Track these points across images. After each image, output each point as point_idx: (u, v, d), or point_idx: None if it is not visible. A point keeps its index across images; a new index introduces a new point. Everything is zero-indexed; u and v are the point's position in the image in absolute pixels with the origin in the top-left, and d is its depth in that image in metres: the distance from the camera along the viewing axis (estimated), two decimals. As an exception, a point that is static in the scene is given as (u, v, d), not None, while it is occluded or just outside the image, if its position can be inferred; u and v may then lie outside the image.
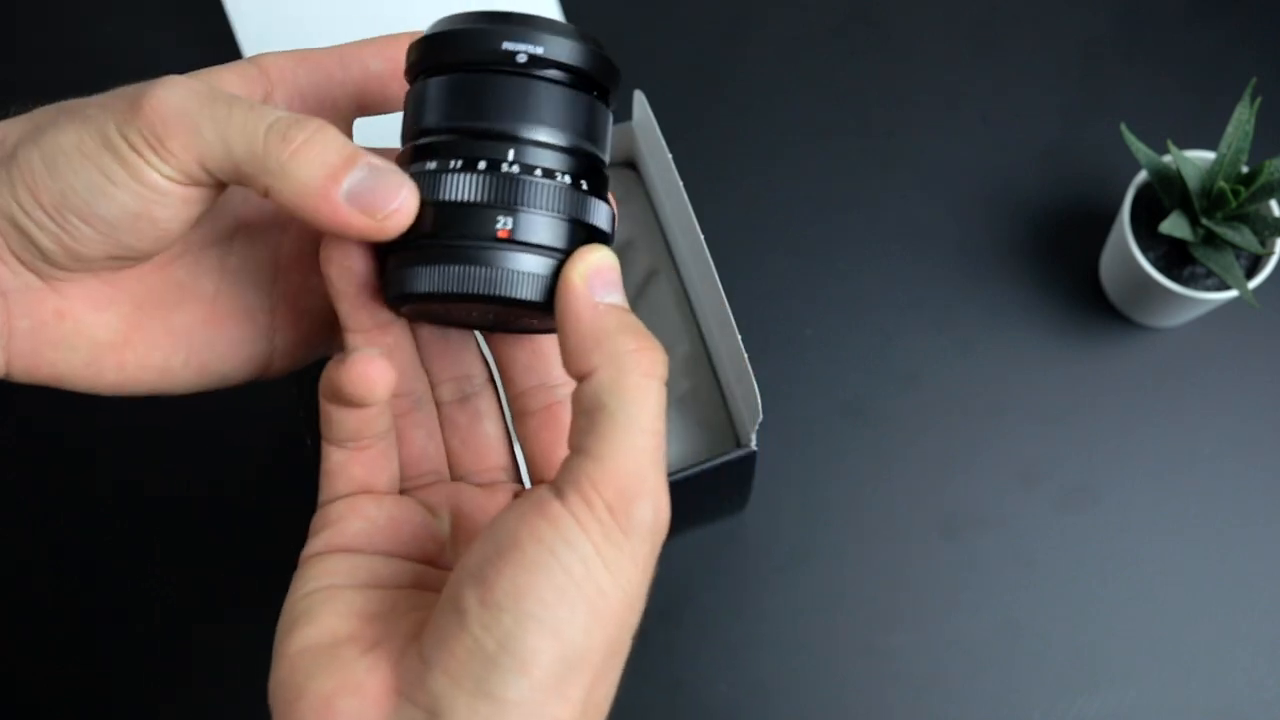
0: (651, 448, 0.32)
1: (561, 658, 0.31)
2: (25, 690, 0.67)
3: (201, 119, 0.34)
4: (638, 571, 0.32)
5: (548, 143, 0.35)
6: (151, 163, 0.34)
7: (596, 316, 0.33)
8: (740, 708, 0.66)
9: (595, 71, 0.36)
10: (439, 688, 0.31)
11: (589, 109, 0.36)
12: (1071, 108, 0.75)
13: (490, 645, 0.30)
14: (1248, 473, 0.69)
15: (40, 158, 0.34)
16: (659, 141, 0.56)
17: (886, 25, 0.77)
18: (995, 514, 0.68)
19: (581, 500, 0.31)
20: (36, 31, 0.77)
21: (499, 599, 0.31)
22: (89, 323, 0.37)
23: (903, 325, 0.71)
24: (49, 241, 0.35)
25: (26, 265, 0.36)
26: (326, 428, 0.37)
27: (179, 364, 0.39)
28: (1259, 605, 0.67)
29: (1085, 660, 0.66)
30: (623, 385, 0.32)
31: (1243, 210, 0.62)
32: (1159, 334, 0.71)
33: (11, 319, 0.36)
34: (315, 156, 0.33)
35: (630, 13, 0.77)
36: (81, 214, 0.34)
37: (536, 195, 0.35)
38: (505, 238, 0.34)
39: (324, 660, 0.33)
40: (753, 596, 0.67)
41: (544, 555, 0.31)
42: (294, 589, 0.35)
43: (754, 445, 0.55)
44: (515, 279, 0.34)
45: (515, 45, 0.35)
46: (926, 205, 0.74)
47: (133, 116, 0.34)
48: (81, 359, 0.37)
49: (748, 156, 0.75)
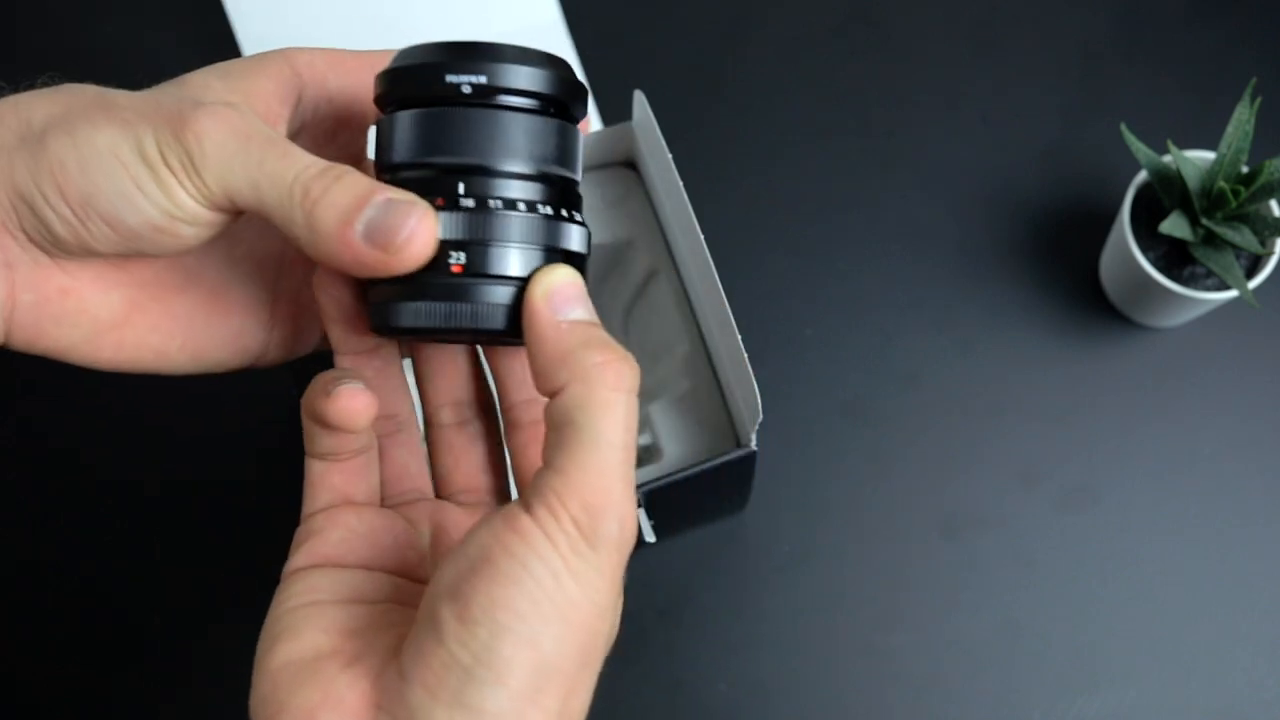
0: (617, 462, 0.33)
1: (537, 668, 0.31)
2: (25, 690, 0.67)
3: (237, 160, 0.34)
4: (605, 583, 0.33)
5: (504, 170, 0.35)
6: (184, 184, 0.34)
7: (560, 335, 0.34)
8: (740, 707, 0.66)
9: (550, 92, 0.36)
10: (418, 701, 0.31)
11: (548, 131, 0.36)
12: (1071, 108, 0.75)
13: (466, 658, 0.31)
14: (1248, 473, 0.69)
15: (74, 152, 0.34)
16: (659, 141, 0.56)
17: (886, 25, 0.77)
18: (995, 514, 0.68)
19: (549, 514, 0.32)
20: (36, 31, 0.77)
21: (474, 614, 0.31)
22: (93, 302, 0.37)
23: (903, 325, 0.71)
24: (65, 232, 0.35)
25: (35, 243, 0.36)
26: (308, 442, 0.38)
27: (175, 348, 0.39)
28: (1259, 605, 0.67)
29: (1085, 660, 0.66)
30: (590, 400, 0.33)
31: (1243, 210, 0.62)
32: (1159, 334, 0.71)
33: (16, 291, 0.36)
34: (332, 202, 0.34)
35: (630, 13, 0.77)
36: (106, 217, 0.35)
37: (494, 227, 0.35)
38: (460, 272, 0.35)
39: (306, 675, 0.33)
40: (753, 596, 0.67)
41: (516, 568, 0.31)
42: (276, 604, 0.36)
43: (754, 445, 0.55)
44: (476, 311, 0.35)
45: (459, 77, 0.35)
46: (926, 205, 0.74)
47: (173, 138, 0.34)
48: (82, 335, 0.38)
49: (748, 156, 0.75)
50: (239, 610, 0.57)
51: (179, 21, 0.77)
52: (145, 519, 0.69)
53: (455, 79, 0.35)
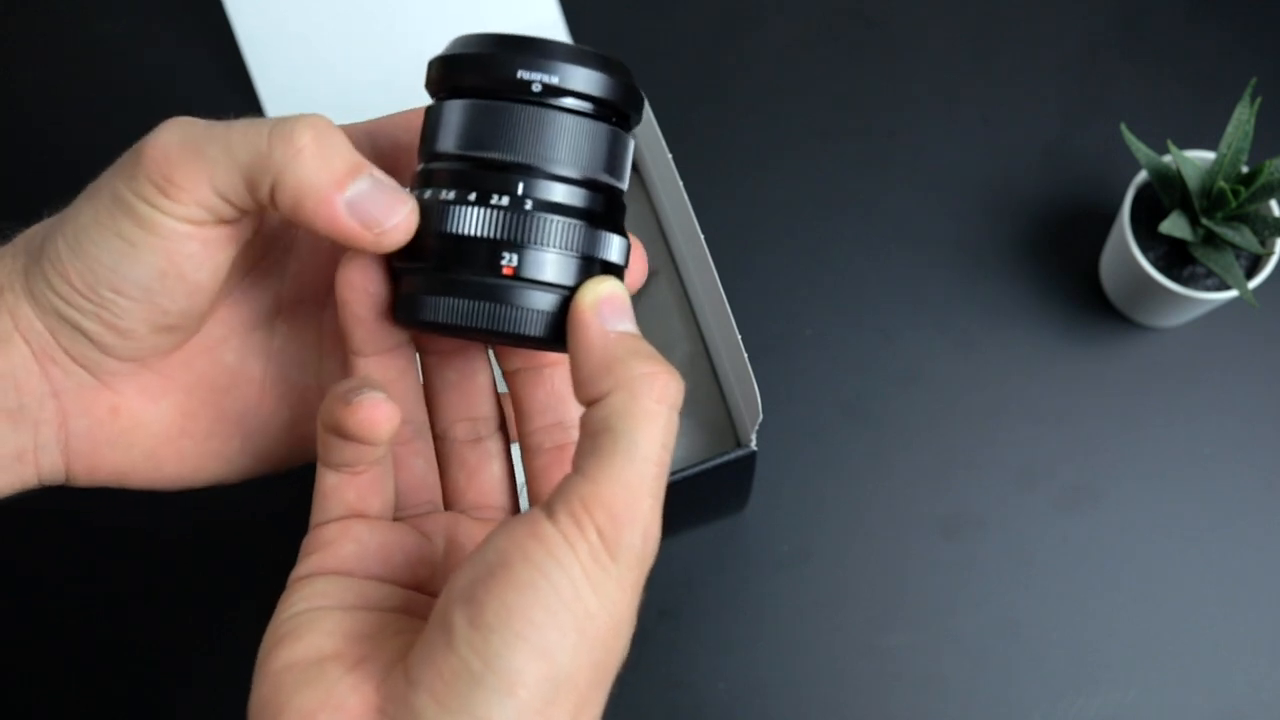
0: (650, 476, 0.32)
1: (549, 679, 0.30)
2: (25, 690, 0.67)
3: (203, 142, 0.34)
4: (624, 597, 0.32)
5: (561, 175, 0.34)
6: (164, 208, 0.34)
7: (609, 343, 0.33)
8: (740, 707, 0.66)
9: (615, 99, 0.35)
10: (423, 707, 0.30)
11: (606, 139, 0.35)
12: (1071, 108, 0.75)
13: (477, 665, 0.30)
14: (1248, 473, 0.69)
15: (64, 241, 0.35)
16: (659, 141, 0.56)
17: (886, 25, 0.77)
18: (995, 514, 0.68)
19: (572, 521, 0.31)
20: (36, 31, 0.77)
21: (488, 619, 0.30)
22: (144, 416, 0.37)
23: (903, 325, 0.71)
24: (91, 323, 0.35)
25: (78, 361, 0.36)
26: (323, 451, 0.36)
27: (235, 450, 0.39)
28: (1259, 605, 0.67)
29: (1085, 660, 0.66)
30: (633, 410, 0.32)
31: (1243, 210, 0.62)
32: (1159, 334, 0.71)
33: (68, 419, 0.37)
34: (321, 160, 0.33)
35: (630, 13, 0.77)
36: (112, 284, 0.34)
37: (545, 232, 0.34)
38: (510, 275, 0.34)
39: (307, 677, 0.32)
40: (752, 596, 0.67)
41: (534, 575, 0.30)
42: (280, 609, 0.35)
43: (754, 445, 0.55)
44: (520, 316, 0.34)
45: (531, 75, 0.34)
46: (927, 205, 0.73)
47: (136, 168, 0.34)
48: (140, 453, 0.38)
49: (748, 156, 0.75)
50: (237, 610, 0.57)
51: (179, 21, 0.77)
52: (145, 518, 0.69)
53: (527, 75, 0.34)
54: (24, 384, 0.36)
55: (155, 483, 0.39)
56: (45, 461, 0.37)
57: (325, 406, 0.35)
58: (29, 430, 0.36)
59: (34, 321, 0.36)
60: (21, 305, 0.36)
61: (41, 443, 0.37)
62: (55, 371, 0.36)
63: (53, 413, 0.36)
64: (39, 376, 0.36)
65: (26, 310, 0.36)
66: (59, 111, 0.75)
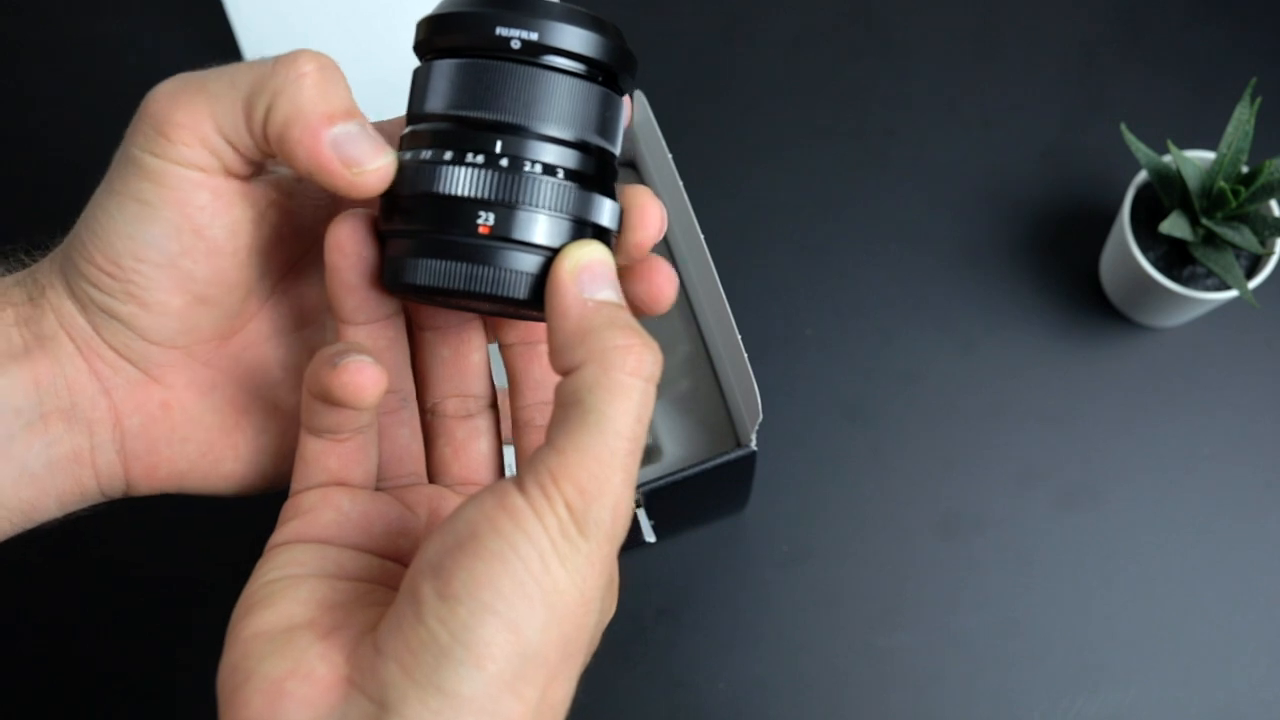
0: (621, 451, 0.31)
1: (518, 653, 0.30)
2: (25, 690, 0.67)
3: (207, 79, 0.34)
4: (593, 572, 0.31)
5: (545, 134, 0.34)
6: (168, 154, 0.34)
7: (584, 312, 0.32)
8: (740, 706, 0.66)
9: (603, 57, 0.34)
10: (390, 678, 0.30)
11: (597, 99, 0.35)
12: (1071, 108, 0.75)
13: (444, 637, 0.29)
14: (1248, 473, 0.69)
15: (84, 224, 0.35)
16: (659, 141, 0.56)
17: (886, 26, 0.77)
18: (995, 514, 0.68)
19: (541, 493, 0.30)
20: (37, 31, 0.77)
21: (456, 590, 0.30)
22: (196, 409, 0.37)
23: (903, 325, 0.71)
24: (123, 304, 0.35)
25: (121, 354, 0.36)
26: (306, 416, 0.36)
27: (290, 448, 0.38)
28: (1259, 605, 0.67)
29: (1085, 660, 0.66)
30: (604, 383, 0.31)
31: (1243, 210, 0.62)
32: (1159, 334, 0.71)
33: (121, 418, 0.36)
34: (319, 91, 0.33)
35: (630, 13, 0.77)
36: (132, 251, 0.35)
37: (528, 191, 0.33)
38: (487, 234, 0.33)
39: (277, 644, 0.32)
40: (752, 596, 0.67)
41: (502, 547, 0.30)
42: (256, 575, 0.34)
43: (754, 445, 0.55)
44: (499, 277, 0.33)
45: (510, 31, 0.33)
46: (927, 205, 0.74)
47: (140, 121, 0.34)
48: (197, 449, 0.37)
49: (748, 156, 0.75)
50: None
51: (179, 21, 0.77)
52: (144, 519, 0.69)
53: (506, 32, 0.33)
54: (74, 382, 0.36)
55: (213, 483, 0.38)
56: (102, 462, 0.37)
57: (311, 369, 0.35)
58: (83, 430, 0.36)
59: (76, 317, 0.36)
60: (64, 303, 0.36)
61: (97, 443, 0.37)
62: (102, 368, 0.36)
63: (105, 411, 0.36)
64: (88, 374, 0.36)
65: (69, 307, 0.36)
66: (59, 111, 0.75)
